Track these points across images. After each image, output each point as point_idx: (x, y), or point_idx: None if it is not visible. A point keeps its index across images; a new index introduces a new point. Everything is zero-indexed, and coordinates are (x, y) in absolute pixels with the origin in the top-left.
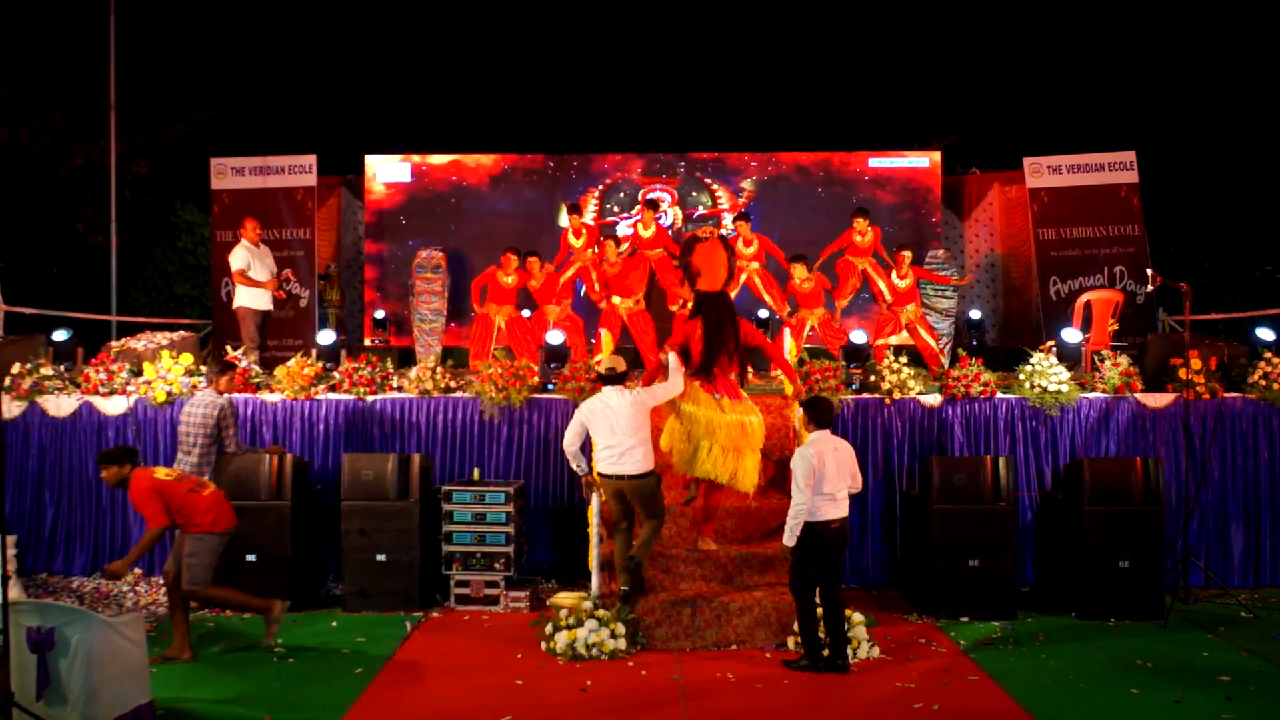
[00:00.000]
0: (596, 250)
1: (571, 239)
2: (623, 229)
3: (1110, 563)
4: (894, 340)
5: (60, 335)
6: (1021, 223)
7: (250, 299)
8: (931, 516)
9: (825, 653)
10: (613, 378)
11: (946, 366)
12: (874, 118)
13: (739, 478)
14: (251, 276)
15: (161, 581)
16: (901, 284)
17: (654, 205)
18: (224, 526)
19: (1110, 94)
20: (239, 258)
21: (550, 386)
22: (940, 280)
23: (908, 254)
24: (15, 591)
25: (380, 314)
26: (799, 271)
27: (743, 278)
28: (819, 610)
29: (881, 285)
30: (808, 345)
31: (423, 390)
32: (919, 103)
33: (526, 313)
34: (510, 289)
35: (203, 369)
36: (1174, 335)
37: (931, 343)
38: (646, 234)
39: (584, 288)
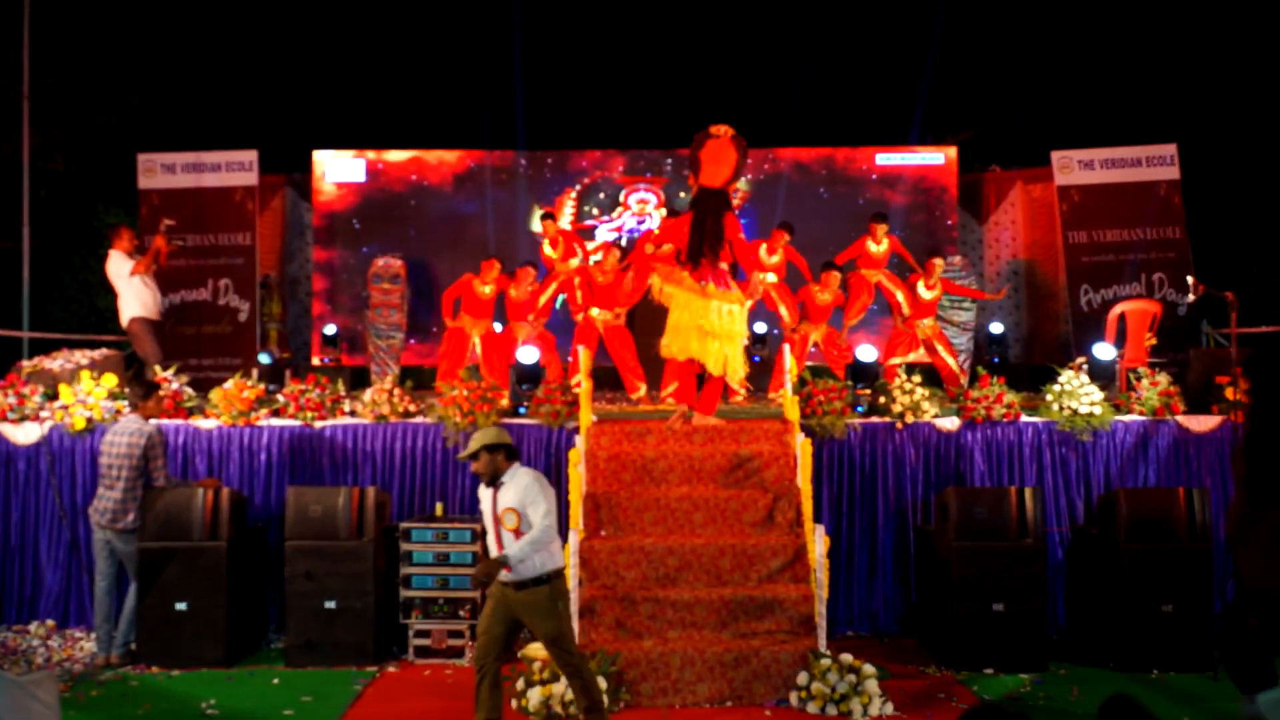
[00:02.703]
0: (582, 257)
1: (548, 249)
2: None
3: (1152, 607)
4: (911, 358)
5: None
6: (1048, 225)
7: (141, 306)
8: (950, 554)
9: None
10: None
11: (966, 386)
12: (882, 109)
13: (726, 365)
14: (135, 258)
15: (78, 635)
16: (929, 295)
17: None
18: None
19: (1148, 80)
20: (119, 261)
21: (522, 410)
22: (971, 294)
23: (939, 261)
24: None
25: (330, 329)
26: (834, 280)
27: (759, 290)
28: None
29: (900, 297)
30: (810, 363)
31: (378, 415)
32: (932, 92)
33: (498, 327)
34: (487, 300)
35: (127, 392)
36: (1219, 350)
37: (950, 361)
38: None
39: (564, 299)
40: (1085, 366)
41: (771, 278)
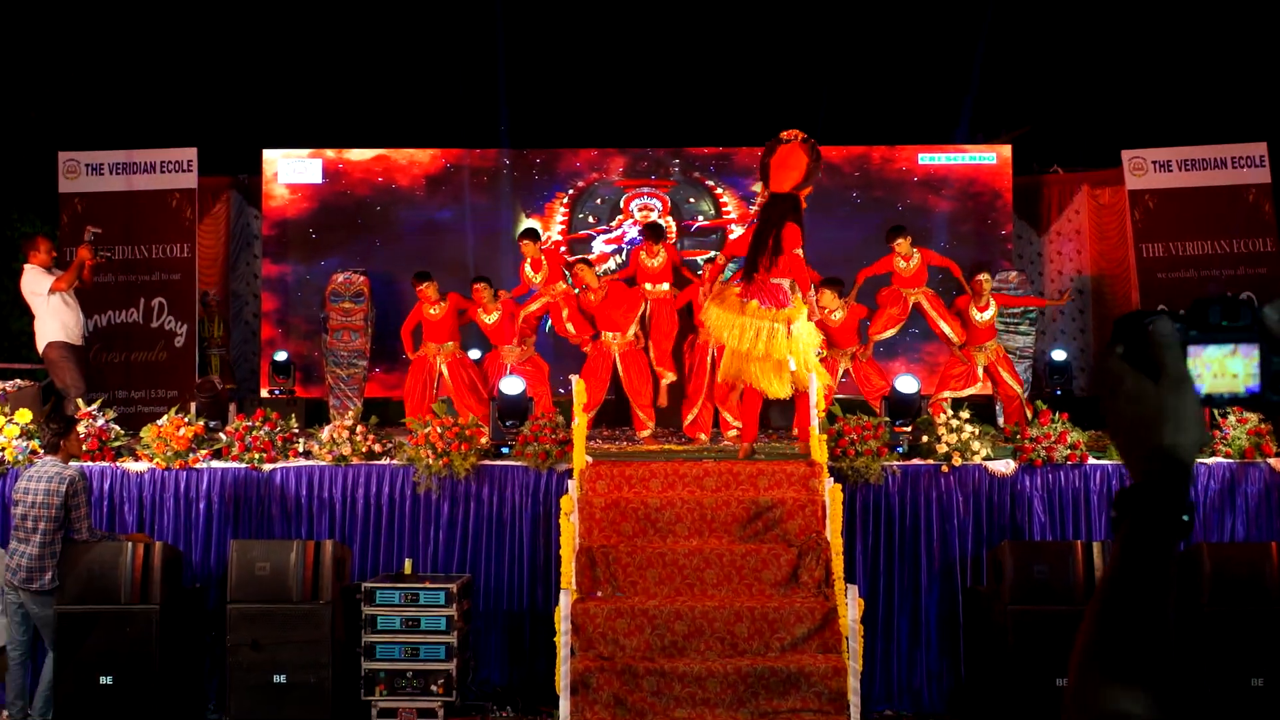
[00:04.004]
0: (568, 282)
1: (529, 272)
2: (599, 246)
3: (1239, 680)
4: (969, 392)
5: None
6: (1118, 236)
7: (60, 329)
8: (1006, 621)
9: None
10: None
11: (1032, 419)
12: (925, 101)
13: (765, 381)
14: (55, 273)
15: None
16: (983, 317)
17: (657, 232)
18: None
19: (1233, 67)
20: (36, 277)
21: (505, 450)
22: (1028, 303)
23: (986, 277)
24: None
25: (282, 356)
26: (828, 299)
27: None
28: None
29: (945, 327)
30: (840, 395)
31: (338, 456)
32: (983, 81)
33: (476, 354)
34: (439, 321)
35: (44, 429)
36: None
37: (1017, 389)
38: (654, 262)
39: (549, 323)
40: None
41: None
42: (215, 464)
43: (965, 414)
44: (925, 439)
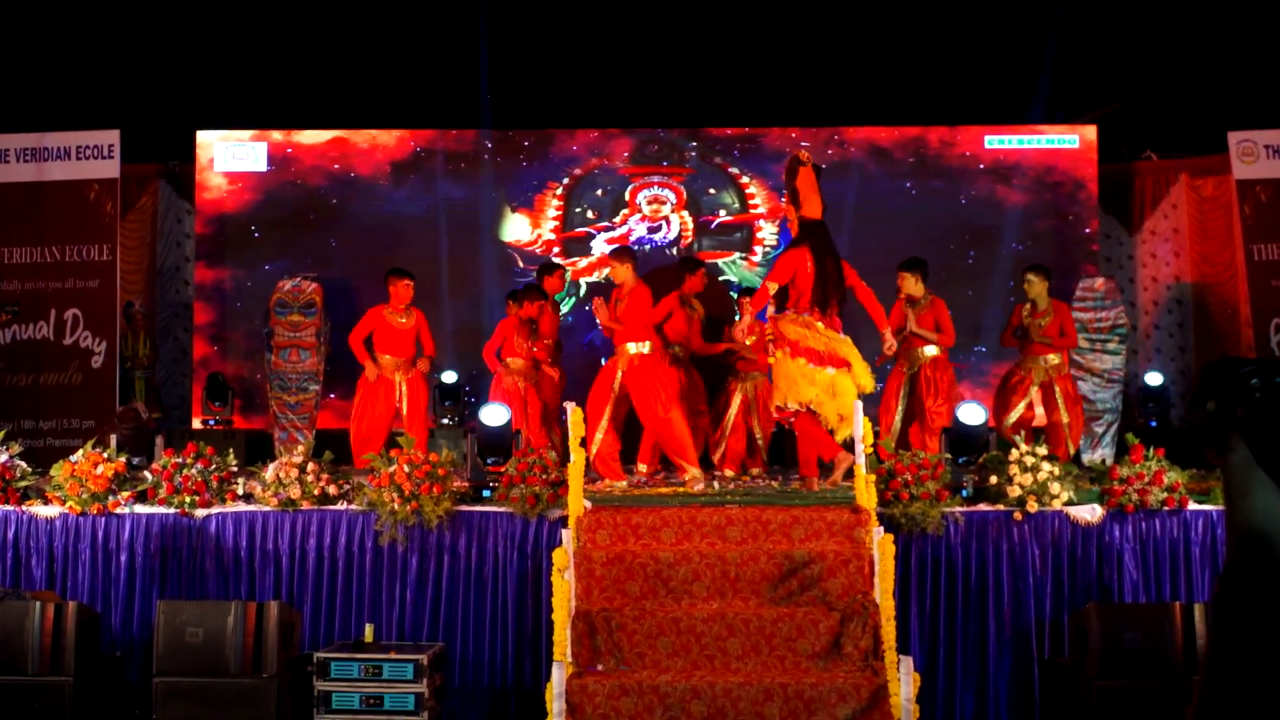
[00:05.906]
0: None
1: (518, 345)
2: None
3: None
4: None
5: None
6: (1224, 235)
7: None
8: (1091, 698)
9: None
10: None
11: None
12: (994, 73)
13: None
14: None
15: None
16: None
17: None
18: None
19: None
20: None
21: (487, 493)
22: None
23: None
24: None
25: (218, 379)
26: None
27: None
28: None
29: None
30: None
31: (285, 500)
32: (1063, 52)
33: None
34: (406, 331)
35: None
36: None
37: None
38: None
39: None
40: None
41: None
42: (139, 508)
43: (1042, 449)
44: (994, 480)
